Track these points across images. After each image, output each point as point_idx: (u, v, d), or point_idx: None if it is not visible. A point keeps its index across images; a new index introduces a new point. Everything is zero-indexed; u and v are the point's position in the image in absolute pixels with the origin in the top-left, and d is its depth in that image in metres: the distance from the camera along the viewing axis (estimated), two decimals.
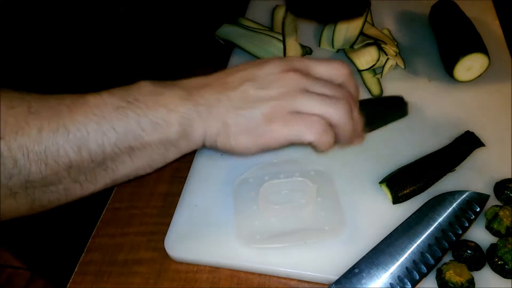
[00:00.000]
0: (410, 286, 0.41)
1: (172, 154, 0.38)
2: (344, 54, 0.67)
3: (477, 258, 0.43)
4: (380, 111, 0.54)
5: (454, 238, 0.44)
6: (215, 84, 0.39)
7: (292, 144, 0.39)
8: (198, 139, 0.38)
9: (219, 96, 0.38)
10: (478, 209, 0.46)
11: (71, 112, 0.34)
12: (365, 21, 0.64)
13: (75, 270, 0.48)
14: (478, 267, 0.43)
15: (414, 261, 0.42)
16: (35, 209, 0.36)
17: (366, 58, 0.63)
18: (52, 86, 0.56)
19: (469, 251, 0.43)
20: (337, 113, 0.39)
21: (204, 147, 0.39)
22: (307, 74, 0.40)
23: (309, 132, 0.38)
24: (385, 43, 0.62)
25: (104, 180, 0.37)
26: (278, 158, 0.53)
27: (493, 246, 0.44)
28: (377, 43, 0.63)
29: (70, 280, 0.47)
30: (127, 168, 0.37)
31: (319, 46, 0.68)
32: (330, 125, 0.39)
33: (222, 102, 0.38)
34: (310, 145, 0.39)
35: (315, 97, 0.39)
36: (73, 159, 0.34)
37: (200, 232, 0.48)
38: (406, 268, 0.42)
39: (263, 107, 0.38)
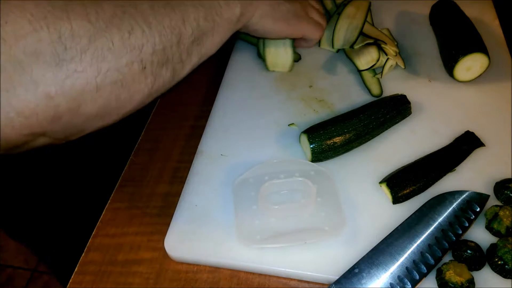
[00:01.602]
0: (410, 286, 0.41)
1: (229, 33, 0.49)
2: (344, 54, 0.67)
3: (477, 258, 0.43)
4: (385, 112, 0.54)
5: (454, 238, 0.44)
6: None
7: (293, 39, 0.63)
8: (249, 19, 0.52)
9: None
10: (478, 209, 0.46)
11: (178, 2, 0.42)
12: (365, 21, 0.64)
13: (75, 270, 0.48)
14: (478, 267, 0.43)
15: (414, 261, 0.42)
16: (155, 91, 0.41)
17: (366, 58, 0.63)
18: None
19: (469, 251, 0.43)
20: (323, 19, 0.65)
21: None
22: None
23: (317, 33, 0.63)
24: (385, 43, 0.62)
25: (197, 56, 0.45)
26: (278, 158, 0.53)
27: (493, 246, 0.44)
28: (377, 43, 0.63)
29: (70, 280, 0.47)
30: (209, 44, 0.46)
31: (319, 46, 0.68)
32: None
33: None
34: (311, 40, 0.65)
35: (312, 9, 0.63)
36: (191, 32, 0.42)
37: (200, 232, 0.48)
38: (406, 268, 0.42)
39: (296, 4, 0.58)
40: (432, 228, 0.45)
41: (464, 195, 0.47)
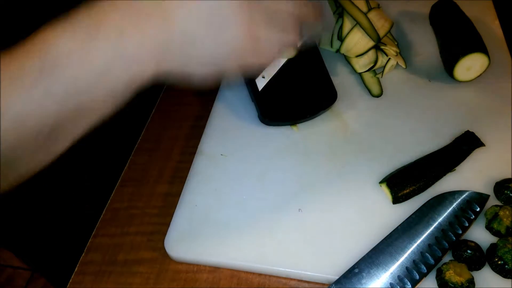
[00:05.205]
0: (410, 286, 0.41)
1: (124, 98, 0.34)
2: (343, 55, 0.67)
3: (477, 258, 0.43)
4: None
5: (454, 238, 0.44)
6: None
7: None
8: (151, 78, 0.34)
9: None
10: (478, 209, 0.46)
11: None
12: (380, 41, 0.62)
13: (75, 270, 0.48)
14: (478, 267, 0.43)
15: (414, 261, 0.42)
16: (6, 186, 0.33)
17: (363, 60, 0.63)
18: None
19: (469, 251, 0.43)
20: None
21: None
22: None
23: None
24: (385, 44, 0.62)
25: (68, 139, 0.34)
26: (278, 156, 0.53)
27: (493, 246, 0.44)
28: (376, 45, 0.62)
29: (70, 280, 0.47)
30: (86, 123, 0.33)
31: (319, 46, 0.68)
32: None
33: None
34: None
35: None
36: (16, 140, 0.30)
37: (200, 232, 0.48)
38: (406, 268, 0.42)
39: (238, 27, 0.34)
40: (432, 228, 0.45)
41: (464, 195, 0.47)
